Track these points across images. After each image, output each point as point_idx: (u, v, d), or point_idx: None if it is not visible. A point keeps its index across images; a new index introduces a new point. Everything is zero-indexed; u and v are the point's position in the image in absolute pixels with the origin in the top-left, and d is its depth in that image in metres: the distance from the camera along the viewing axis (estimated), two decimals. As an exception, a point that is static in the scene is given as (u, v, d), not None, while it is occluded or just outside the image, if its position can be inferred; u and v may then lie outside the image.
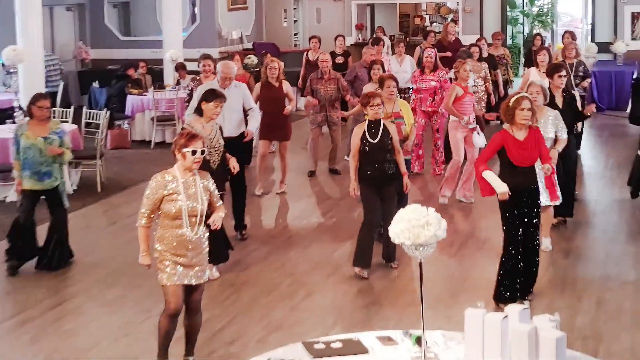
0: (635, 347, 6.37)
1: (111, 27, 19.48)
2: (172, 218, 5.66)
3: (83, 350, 6.53)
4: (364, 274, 7.89)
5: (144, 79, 15.35)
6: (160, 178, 5.68)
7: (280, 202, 10.76)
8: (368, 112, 7.93)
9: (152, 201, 5.67)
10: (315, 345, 4.52)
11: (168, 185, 5.65)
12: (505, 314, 4.23)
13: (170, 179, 5.67)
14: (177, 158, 5.71)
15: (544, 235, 8.34)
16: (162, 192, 5.64)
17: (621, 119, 15.54)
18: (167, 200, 5.63)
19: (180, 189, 5.64)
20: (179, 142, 5.68)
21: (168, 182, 5.66)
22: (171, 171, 5.72)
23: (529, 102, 6.96)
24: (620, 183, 10.87)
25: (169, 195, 5.63)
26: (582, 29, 21.26)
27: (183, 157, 5.67)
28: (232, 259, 8.43)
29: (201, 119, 7.68)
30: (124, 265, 8.38)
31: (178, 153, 5.68)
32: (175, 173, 5.71)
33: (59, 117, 12.23)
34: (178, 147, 5.67)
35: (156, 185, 5.66)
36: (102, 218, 10.44)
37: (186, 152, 5.65)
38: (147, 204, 5.68)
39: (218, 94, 7.70)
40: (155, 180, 5.68)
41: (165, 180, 5.66)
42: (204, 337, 6.51)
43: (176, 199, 5.62)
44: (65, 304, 7.48)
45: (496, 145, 6.91)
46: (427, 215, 4.26)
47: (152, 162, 12.88)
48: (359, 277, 7.86)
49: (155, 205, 5.67)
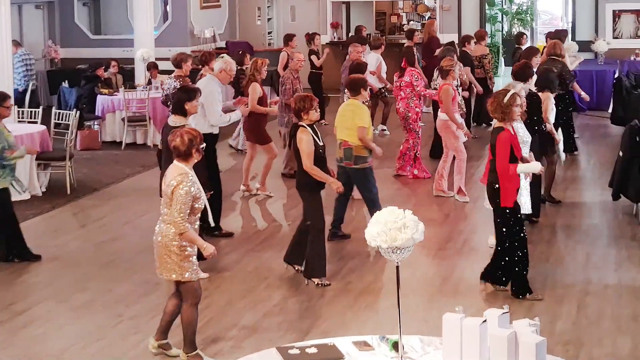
0: (616, 352, 6.34)
1: (81, 25, 19.29)
2: (195, 214, 5.89)
3: (53, 355, 6.45)
4: (326, 282, 7.76)
5: (115, 78, 15.19)
6: (190, 181, 5.80)
7: (254, 204, 10.67)
8: (311, 116, 7.63)
9: (188, 206, 5.81)
10: (290, 350, 4.49)
11: (194, 186, 5.83)
12: (484, 318, 4.19)
13: (193, 179, 5.85)
14: (194, 157, 5.88)
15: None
16: (194, 193, 5.81)
17: (602, 120, 15.54)
18: (195, 200, 5.85)
19: (199, 185, 5.88)
20: (196, 141, 5.86)
21: (193, 183, 5.82)
22: (185, 171, 5.84)
23: (520, 99, 7.18)
24: (601, 185, 10.82)
25: (198, 194, 5.86)
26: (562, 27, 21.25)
27: (200, 154, 5.92)
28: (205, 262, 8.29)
29: (185, 118, 7.59)
30: (94, 269, 8.31)
31: (196, 152, 5.89)
32: (191, 172, 5.88)
33: (28, 117, 12.07)
34: (197, 146, 5.87)
35: (186, 191, 5.77)
36: (71, 220, 10.31)
37: (202, 149, 5.93)
38: (185, 210, 5.80)
39: (194, 88, 7.84)
40: (184, 187, 5.77)
41: (192, 182, 5.81)
42: (177, 342, 6.44)
43: (200, 196, 5.88)
44: (35, 309, 7.38)
45: (508, 145, 6.99)
46: (404, 217, 4.20)
47: (123, 164, 12.75)
48: (322, 285, 7.71)
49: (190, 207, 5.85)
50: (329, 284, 7.73)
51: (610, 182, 10.01)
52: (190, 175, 5.84)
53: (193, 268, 5.99)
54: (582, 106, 16.50)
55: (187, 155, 5.85)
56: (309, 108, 7.59)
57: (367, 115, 8.73)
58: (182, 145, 5.83)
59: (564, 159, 11.55)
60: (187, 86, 7.90)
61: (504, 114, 7.02)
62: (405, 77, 11.48)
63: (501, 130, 7.04)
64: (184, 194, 5.76)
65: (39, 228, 9.86)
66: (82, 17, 19.49)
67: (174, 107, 7.71)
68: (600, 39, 17.45)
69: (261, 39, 20.52)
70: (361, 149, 8.65)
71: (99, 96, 14.53)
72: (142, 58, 15.22)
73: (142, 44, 15.91)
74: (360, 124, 8.59)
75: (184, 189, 5.76)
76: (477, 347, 4.11)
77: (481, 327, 4.13)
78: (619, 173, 9.67)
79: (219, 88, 9.13)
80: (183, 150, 5.83)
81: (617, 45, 17.86)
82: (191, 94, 7.60)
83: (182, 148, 5.83)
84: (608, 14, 18.36)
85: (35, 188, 10.96)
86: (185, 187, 5.77)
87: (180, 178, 5.79)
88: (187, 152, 5.83)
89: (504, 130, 7.03)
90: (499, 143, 7.01)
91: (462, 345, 4.15)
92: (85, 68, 16.20)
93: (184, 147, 5.82)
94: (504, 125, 7.06)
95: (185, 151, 5.83)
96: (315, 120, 7.71)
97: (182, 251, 5.92)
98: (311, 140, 7.57)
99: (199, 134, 5.96)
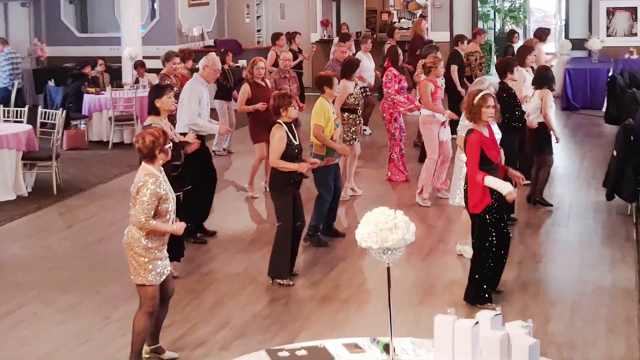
0: (611, 354, 6.28)
1: (68, 23, 19.18)
2: (163, 215, 5.76)
3: (40, 358, 6.40)
4: (290, 282, 7.70)
5: (102, 77, 15.10)
6: (154, 182, 5.67)
7: (243, 205, 10.60)
8: (290, 113, 7.57)
9: (153, 207, 5.68)
10: (280, 352, 4.46)
11: (160, 187, 5.70)
12: (477, 320, 4.14)
13: (159, 180, 5.72)
14: (159, 157, 5.75)
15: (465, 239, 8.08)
16: (159, 193, 5.69)
17: (596, 119, 15.49)
18: (164, 201, 5.73)
19: (166, 186, 5.76)
20: (158, 142, 5.72)
21: (159, 184, 5.70)
22: (151, 172, 5.73)
23: (493, 99, 6.93)
24: (595, 184, 10.75)
25: (164, 195, 5.73)
26: (555, 25, 21.17)
27: (166, 154, 5.80)
28: (193, 263, 8.30)
29: (160, 117, 7.48)
30: (81, 271, 8.25)
31: (160, 152, 5.75)
32: (157, 173, 5.75)
33: (13, 116, 11.97)
34: (160, 147, 5.73)
35: (151, 193, 5.65)
36: (58, 221, 10.23)
37: (168, 148, 5.78)
38: (149, 210, 5.66)
39: (164, 84, 7.76)
40: (148, 188, 5.65)
41: (157, 184, 5.69)
42: (165, 343, 6.40)
43: (168, 197, 5.75)
44: (21, 311, 7.29)
45: (478, 148, 6.77)
46: (395, 218, 4.16)
47: (109, 163, 12.68)
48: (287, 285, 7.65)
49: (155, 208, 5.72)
50: (293, 284, 7.69)
51: (604, 182, 9.96)
52: (157, 176, 5.70)
53: (157, 271, 5.81)
54: (575, 105, 16.48)
55: (150, 156, 5.73)
56: (287, 105, 7.54)
57: (325, 113, 8.60)
58: (144, 147, 5.72)
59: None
60: (157, 84, 7.80)
61: (473, 114, 6.84)
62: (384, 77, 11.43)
63: (471, 132, 6.86)
64: (148, 194, 5.63)
65: (25, 229, 9.78)
66: (69, 14, 19.37)
67: (148, 107, 7.65)
68: (594, 36, 17.42)
69: (250, 37, 20.43)
70: (319, 147, 8.62)
71: (86, 95, 14.46)
72: (130, 56, 15.13)
73: (130, 42, 15.82)
74: (316, 122, 8.58)
75: (148, 190, 5.64)
76: (469, 349, 4.10)
77: (473, 329, 4.11)
78: (613, 173, 9.62)
79: (201, 87, 8.94)
80: (146, 152, 5.72)
81: (611, 43, 17.81)
82: (160, 91, 7.52)
83: (145, 150, 5.72)
84: (602, 12, 18.24)
85: (21, 188, 10.87)
86: (149, 188, 5.64)
87: (145, 179, 5.67)
88: (150, 153, 5.72)
89: (474, 132, 6.84)
90: (468, 145, 6.81)
91: (454, 347, 4.14)
92: (72, 66, 16.14)
93: (146, 148, 5.72)
94: (475, 127, 6.87)
95: (149, 152, 5.72)
96: (294, 118, 7.67)
97: (148, 253, 5.78)
98: (284, 137, 7.52)
99: (162, 134, 5.80)
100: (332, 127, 8.64)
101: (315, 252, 8.60)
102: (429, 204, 10.08)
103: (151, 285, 5.81)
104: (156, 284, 5.84)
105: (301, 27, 18.13)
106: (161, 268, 5.85)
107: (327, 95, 8.73)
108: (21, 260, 8.67)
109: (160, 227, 5.75)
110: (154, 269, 5.80)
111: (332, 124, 8.66)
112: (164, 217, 5.76)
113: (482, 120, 6.86)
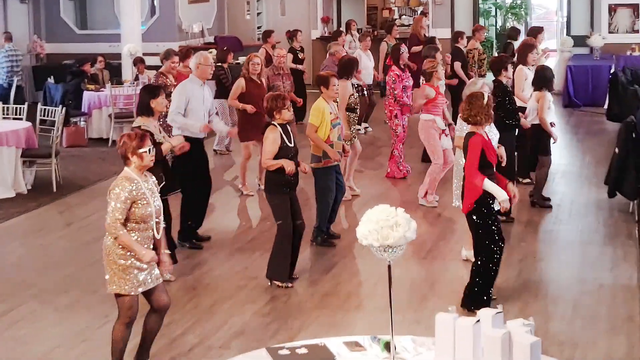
0: (611, 353, 6.25)
1: (67, 20, 19.15)
2: (140, 221, 5.61)
3: (38, 357, 6.36)
4: (288, 284, 7.62)
5: (102, 74, 15.07)
6: (127, 185, 5.55)
7: (241, 203, 10.57)
8: (284, 115, 7.45)
9: (126, 209, 5.56)
10: (280, 351, 4.44)
11: (135, 190, 5.57)
12: (478, 318, 4.11)
13: (135, 184, 5.58)
14: (132, 160, 5.62)
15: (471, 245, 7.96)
16: (133, 197, 5.56)
17: (598, 116, 15.45)
18: (138, 205, 5.58)
19: (145, 191, 5.60)
20: (130, 145, 5.60)
21: (134, 187, 5.57)
22: (129, 176, 5.61)
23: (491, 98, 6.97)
24: (597, 182, 10.71)
25: (140, 199, 5.58)
26: (557, 21, 21.12)
27: (140, 158, 5.62)
28: (193, 261, 8.26)
29: (151, 118, 7.43)
30: (79, 269, 8.21)
31: (133, 155, 5.61)
32: (133, 176, 5.62)
33: (13, 114, 11.94)
34: (132, 150, 5.59)
35: (127, 193, 5.54)
36: (57, 219, 10.21)
37: (143, 153, 5.61)
38: (122, 211, 5.54)
39: (157, 85, 7.67)
40: (122, 188, 5.55)
41: (132, 186, 5.57)
42: (164, 342, 6.36)
43: (146, 202, 5.60)
44: (19, 309, 7.26)
45: (479, 150, 6.69)
46: (396, 215, 4.13)
47: (109, 161, 12.64)
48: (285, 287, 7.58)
49: (126, 212, 5.57)
50: (292, 286, 7.62)
51: (606, 179, 9.92)
52: (132, 179, 5.58)
53: (134, 282, 5.62)
54: (577, 102, 16.42)
55: (125, 159, 5.64)
56: (280, 107, 7.42)
57: (320, 113, 8.50)
58: (119, 149, 5.67)
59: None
60: (148, 85, 7.72)
61: (487, 115, 6.74)
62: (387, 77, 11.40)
63: (472, 134, 6.77)
64: (116, 197, 5.53)
65: (24, 226, 9.76)
66: (68, 11, 19.33)
67: (139, 108, 7.54)
68: (595, 33, 17.37)
69: (250, 34, 20.39)
70: (315, 148, 8.56)
71: (85, 92, 14.43)
72: (129, 53, 15.09)
73: (129, 39, 15.78)
74: (310, 121, 8.53)
75: (119, 193, 5.53)
76: (470, 347, 4.09)
77: (474, 327, 4.09)
78: (614, 170, 9.59)
79: (194, 86, 8.68)
80: (120, 154, 5.66)
81: (613, 40, 17.75)
82: (155, 91, 7.46)
83: (119, 152, 5.66)
84: (604, 8, 18.19)
85: (21, 186, 10.84)
86: (119, 190, 5.53)
87: (118, 182, 5.59)
88: (124, 156, 5.63)
89: (476, 134, 6.76)
90: (470, 147, 6.72)
91: (455, 345, 4.12)
92: (71, 63, 16.09)
93: (120, 151, 5.65)
94: (476, 130, 6.78)
95: (123, 156, 5.64)
96: (288, 120, 7.56)
97: (125, 260, 5.61)
98: (277, 139, 7.42)
99: (136, 137, 5.62)
100: (327, 129, 8.51)
101: (315, 250, 8.57)
102: (435, 204, 10.01)
103: (128, 294, 5.64)
104: (133, 294, 5.65)
105: (302, 24, 18.09)
106: (143, 278, 5.66)
107: (325, 95, 8.62)
108: (20, 259, 8.65)
109: (127, 241, 5.54)
110: (132, 279, 5.62)
111: (328, 125, 8.52)
112: (144, 223, 5.60)
113: (487, 122, 6.80)
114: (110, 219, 5.55)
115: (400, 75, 11.06)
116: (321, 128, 8.49)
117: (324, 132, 8.50)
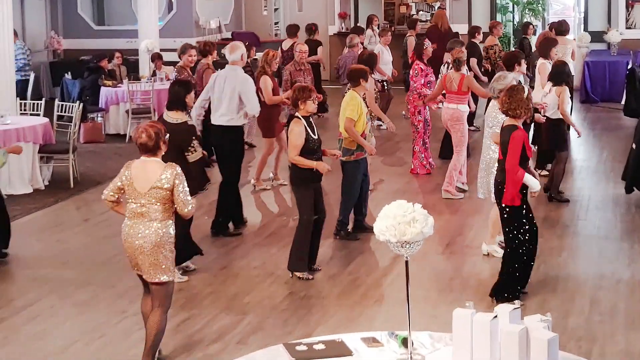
0: (630, 348, 6.22)
1: (84, 16, 19.20)
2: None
3: (55, 352, 6.36)
4: (308, 276, 7.65)
5: (119, 70, 15.10)
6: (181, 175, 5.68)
7: (260, 199, 10.56)
8: (309, 107, 7.44)
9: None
10: (297, 347, 4.41)
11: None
12: (495, 314, 4.09)
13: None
14: (162, 149, 5.75)
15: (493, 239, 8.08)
16: None
17: (615, 111, 15.37)
18: None
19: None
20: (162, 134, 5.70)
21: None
22: (170, 164, 5.71)
23: None
24: (614, 178, 10.67)
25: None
26: (574, 17, 21.01)
27: (166, 146, 5.81)
28: (210, 257, 8.25)
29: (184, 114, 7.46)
30: (97, 264, 8.22)
31: (164, 144, 5.75)
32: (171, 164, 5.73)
33: (30, 109, 11.98)
34: (163, 138, 5.71)
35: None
36: (74, 214, 10.23)
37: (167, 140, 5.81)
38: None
39: (189, 80, 7.89)
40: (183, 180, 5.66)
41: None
42: (181, 337, 6.37)
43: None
44: (37, 305, 7.27)
45: (521, 144, 6.70)
46: (413, 211, 4.12)
47: (126, 157, 12.39)
48: (305, 279, 7.61)
49: None
50: (312, 278, 7.63)
51: (623, 175, 9.88)
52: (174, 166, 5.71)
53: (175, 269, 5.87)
54: (594, 98, 16.32)
55: (156, 149, 5.69)
56: (306, 98, 7.42)
57: (358, 107, 8.45)
58: (150, 140, 5.66)
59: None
60: (181, 80, 7.74)
61: (527, 109, 6.75)
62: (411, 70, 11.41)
63: (515, 128, 6.75)
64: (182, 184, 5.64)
65: (41, 222, 9.78)
66: (85, 7, 19.39)
67: (172, 103, 7.48)
68: (613, 29, 17.26)
69: (267, 29, 20.39)
70: (349, 142, 8.51)
71: (103, 88, 14.45)
72: (147, 49, 15.09)
73: (147, 34, 15.79)
74: (348, 115, 8.44)
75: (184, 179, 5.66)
76: (487, 343, 4.05)
77: (492, 322, 4.06)
78: (632, 166, 9.56)
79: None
80: (151, 145, 5.66)
81: (630, 35, 17.68)
82: (189, 86, 7.49)
83: (150, 143, 5.66)
84: (621, 4, 18.11)
85: (38, 181, 10.88)
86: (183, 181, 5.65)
87: (175, 171, 5.63)
88: (155, 146, 5.67)
89: (518, 128, 6.75)
90: (513, 141, 6.69)
91: (473, 341, 4.08)
92: (89, 59, 16.14)
93: (152, 141, 5.66)
94: (516, 123, 6.78)
95: (154, 146, 5.67)
96: (312, 112, 7.55)
97: (172, 251, 5.75)
98: (302, 132, 7.41)
99: (163, 126, 5.80)
100: (364, 122, 8.51)
101: (333, 245, 8.56)
102: (461, 195, 10.01)
103: (173, 282, 5.79)
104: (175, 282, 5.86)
105: (319, 20, 18.06)
106: None
107: (359, 88, 8.58)
108: (37, 254, 8.66)
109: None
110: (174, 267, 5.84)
111: (364, 118, 8.52)
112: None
113: (526, 115, 6.81)
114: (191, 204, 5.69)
115: (423, 69, 11.09)
116: (358, 122, 8.47)
117: (360, 125, 8.49)
